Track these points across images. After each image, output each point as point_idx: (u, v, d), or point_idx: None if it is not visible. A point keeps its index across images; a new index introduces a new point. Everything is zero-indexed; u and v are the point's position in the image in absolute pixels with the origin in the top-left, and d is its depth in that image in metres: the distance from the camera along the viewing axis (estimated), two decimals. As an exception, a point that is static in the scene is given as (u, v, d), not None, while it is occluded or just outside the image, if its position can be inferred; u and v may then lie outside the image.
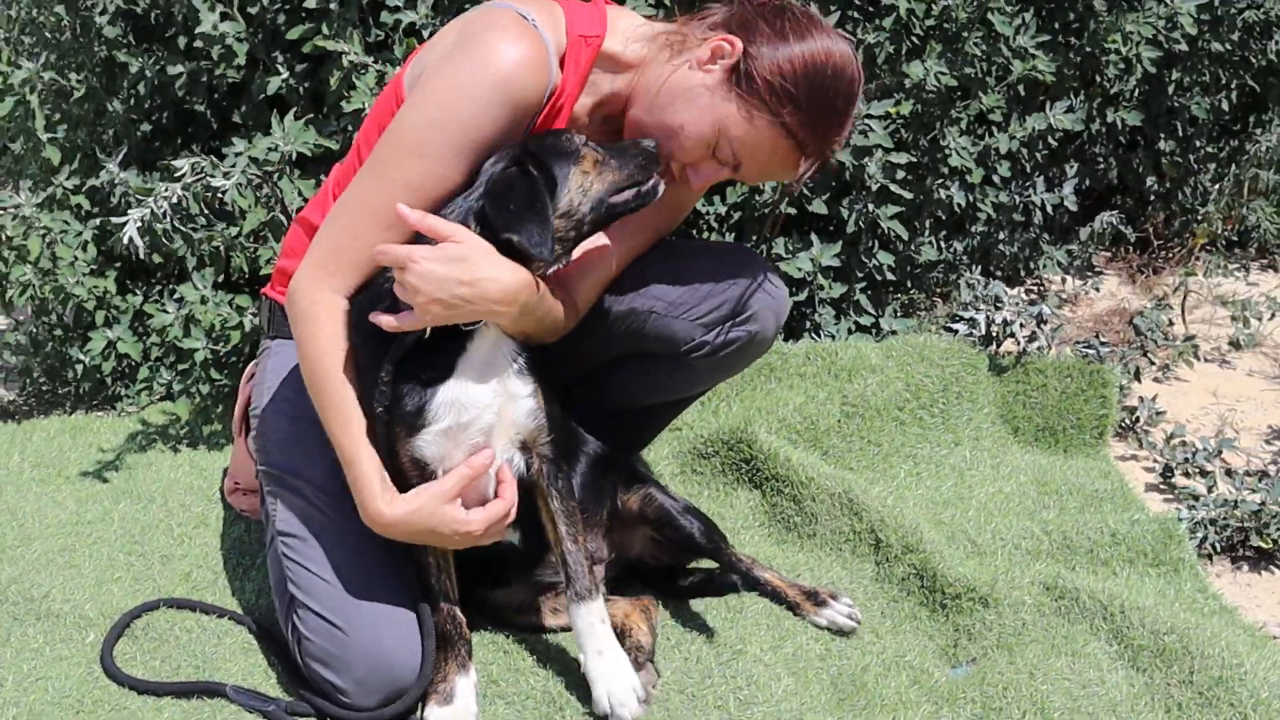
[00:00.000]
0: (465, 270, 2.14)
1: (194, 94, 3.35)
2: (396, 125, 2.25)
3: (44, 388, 3.58)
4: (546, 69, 2.25)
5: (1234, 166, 4.18)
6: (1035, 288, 4.17)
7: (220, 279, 3.34)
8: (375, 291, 2.28)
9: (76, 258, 3.27)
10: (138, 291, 3.45)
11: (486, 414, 2.25)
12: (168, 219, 2.88)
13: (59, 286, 3.26)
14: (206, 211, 3.11)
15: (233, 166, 3.00)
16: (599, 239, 2.45)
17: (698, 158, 2.34)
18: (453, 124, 2.20)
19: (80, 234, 3.31)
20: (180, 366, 3.36)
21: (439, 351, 2.24)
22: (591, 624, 2.31)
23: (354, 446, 2.24)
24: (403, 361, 2.23)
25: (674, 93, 2.30)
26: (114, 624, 2.58)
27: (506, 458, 2.31)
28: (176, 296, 3.31)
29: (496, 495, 2.31)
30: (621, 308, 2.51)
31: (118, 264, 3.46)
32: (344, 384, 2.25)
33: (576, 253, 2.39)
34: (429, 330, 2.21)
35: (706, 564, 2.71)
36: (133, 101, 3.39)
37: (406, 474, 2.27)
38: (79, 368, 3.40)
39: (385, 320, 2.20)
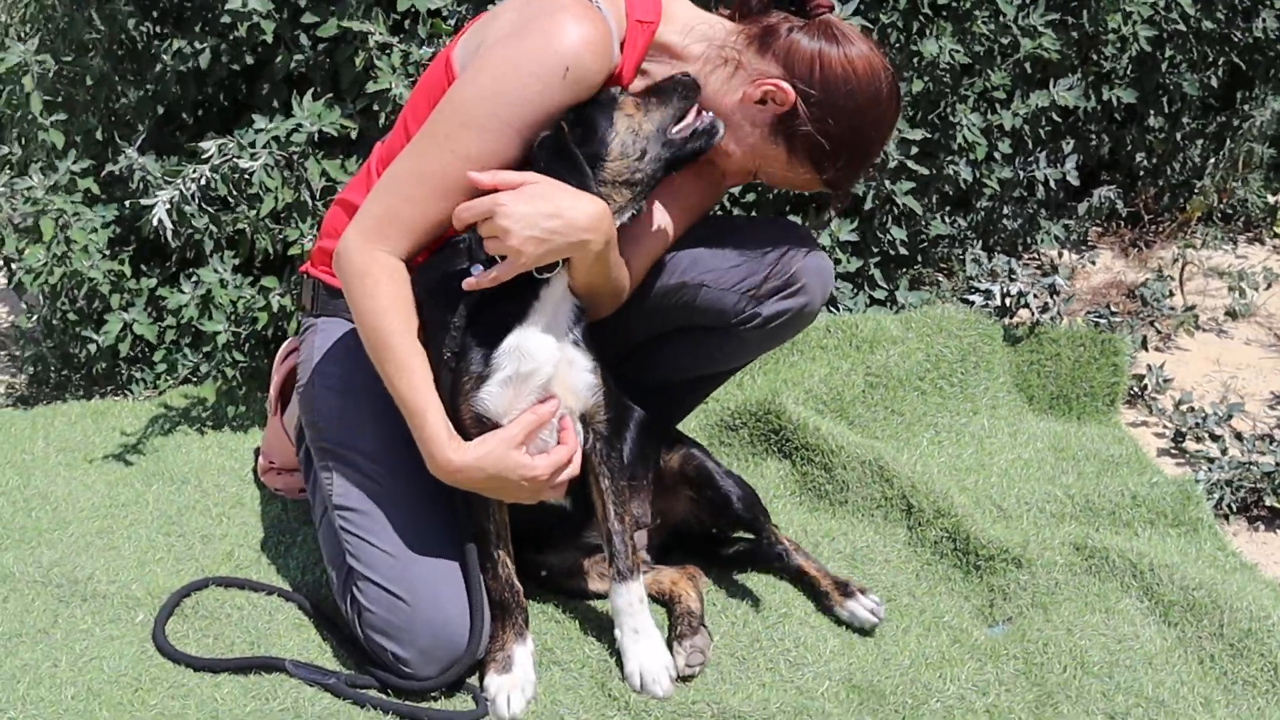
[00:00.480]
0: (549, 204, 2.19)
1: (211, 76, 3.35)
2: (456, 97, 2.27)
3: (58, 373, 3.57)
4: (609, 51, 2.28)
5: (1228, 141, 4.28)
6: (1031, 262, 4.26)
7: (242, 261, 3.35)
8: (449, 253, 2.31)
9: (89, 242, 3.26)
10: (152, 275, 3.45)
11: (545, 368, 2.29)
12: (195, 201, 2.88)
13: (74, 270, 3.25)
14: (227, 194, 3.10)
15: (258, 146, 3.01)
16: (657, 215, 2.49)
17: (736, 178, 2.54)
18: (514, 101, 2.23)
19: (92, 219, 3.30)
20: (204, 349, 3.36)
21: (509, 302, 2.28)
22: (630, 603, 2.37)
23: (419, 398, 2.25)
24: (472, 315, 2.26)
25: (722, 116, 2.37)
26: (164, 603, 2.59)
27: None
28: (194, 279, 3.31)
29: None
30: (672, 281, 2.55)
31: (130, 247, 3.46)
32: (407, 338, 2.27)
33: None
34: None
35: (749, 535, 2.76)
36: (150, 86, 3.39)
37: (468, 430, 2.29)
38: (93, 349, 3.39)
39: (483, 278, 2.23)
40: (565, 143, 2.25)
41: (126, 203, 3.40)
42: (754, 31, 2.38)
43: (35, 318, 3.45)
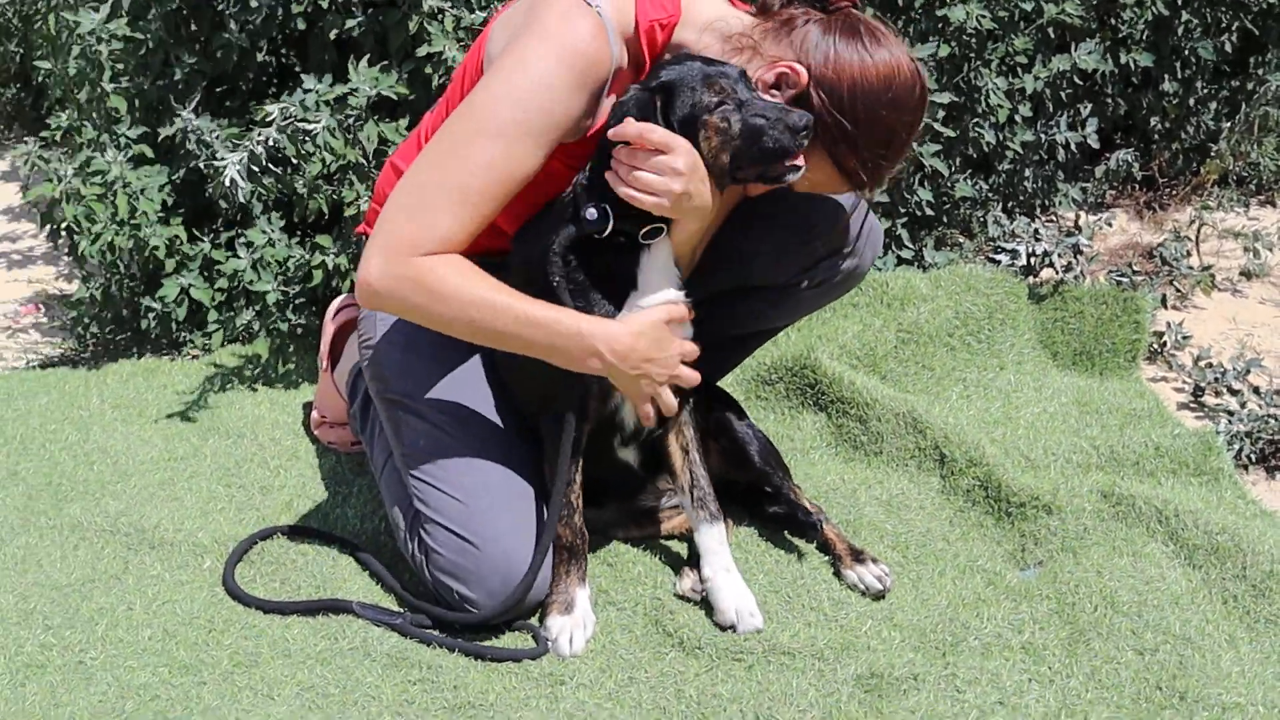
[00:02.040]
0: (701, 168, 2.30)
1: (263, 41, 3.43)
2: (472, 105, 2.31)
3: (110, 335, 3.67)
4: (607, 46, 2.30)
5: (1242, 105, 4.37)
6: (1050, 224, 4.35)
7: (287, 223, 3.45)
8: (548, 220, 2.41)
9: (149, 208, 3.36)
10: (203, 238, 3.55)
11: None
12: (263, 161, 2.98)
13: (139, 238, 3.35)
14: (295, 155, 3.19)
15: (313, 108, 3.10)
16: None
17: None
18: (529, 109, 2.27)
19: (150, 183, 3.40)
20: (255, 308, 3.46)
21: (620, 262, 2.39)
22: (721, 542, 2.50)
23: (550, 315, 2.32)
24: (581, 280, 2.36)
25: None
26: (232, 550, 2.71)
27: None
28: (245, 241, 3.41)
29: None
30: (729, 246, 2.60)
31: (181, 211, 3.56)
32: (502, 292, 2.32)
33: None
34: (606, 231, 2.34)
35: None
36: (199, 50, 3.47)
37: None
38: (151, 315, 3.48)
39: (642, 200, 2.29)
40: (653, 113, 2.28)
41: (176, 167, 3.49)
42: (772, 25, 2.39)
43: (93, 286, 3.53)
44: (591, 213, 2.33)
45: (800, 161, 2.31)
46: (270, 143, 2.97)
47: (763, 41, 2.38)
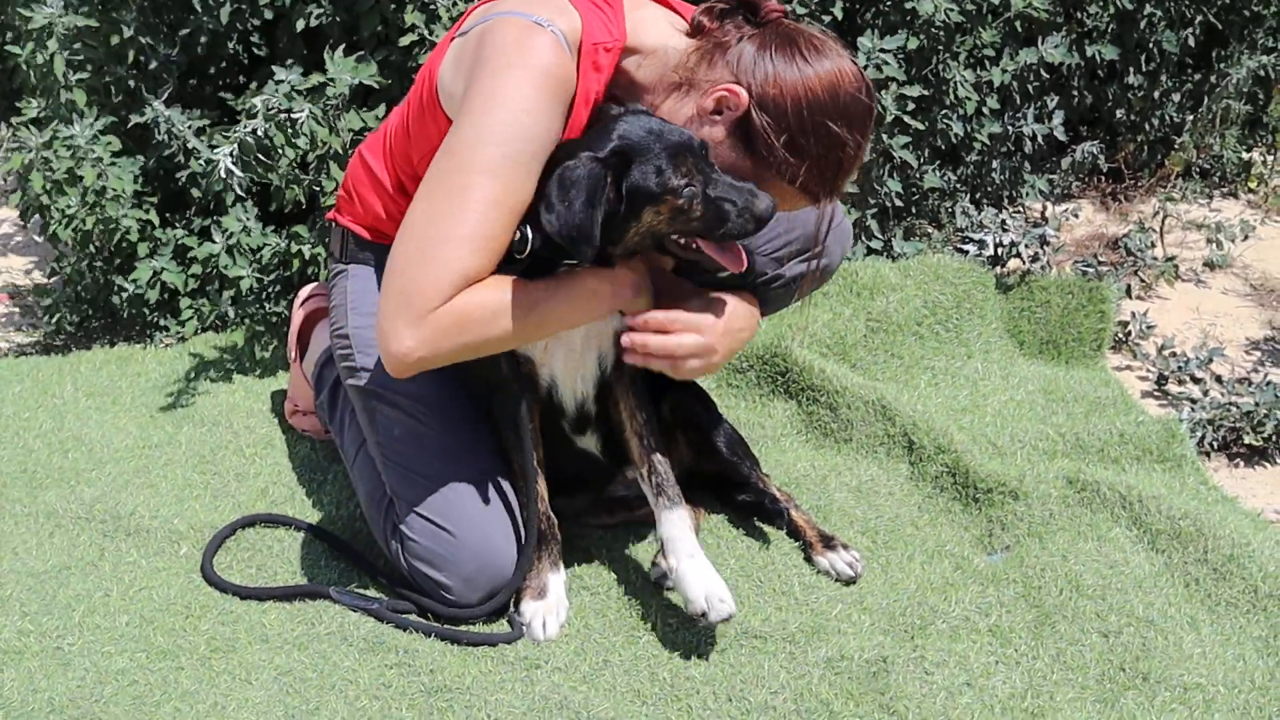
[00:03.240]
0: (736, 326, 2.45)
1: (233, 31, 3.44)
2: (458, 150, 2.24)
3: (86, 320, 3.66)
4: (569, 59, 2.27)
5: (1205, 98, 4.43)
6: (1018, 215, 4.41)
7: (269, 210, 3.46)
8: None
9: (120, 191, 3.36)
10: (176, 225, 3.55)
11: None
12: (253, 152, 2.99)
13: (107, 218, 3.35)
14: (284, 143, 3.19)
15: (282, 98, 3.11)
16: None
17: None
18: (516, 141, 2.22)
19: (121, 170, 3.40)
20: (229, 295, 3.47)
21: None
22: (684, 530, 2.44)
23: (560, 289, 2.34)
24: None
25: (687, 126, 2.31)
26: (211, 538, 2.72)
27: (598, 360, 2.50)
28: (224, 229, 3.41)
29: None
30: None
31: (154, 198, 3.56)
32: (514, 290, 2.30)
33: None
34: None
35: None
36: (176, 42, 3.47)
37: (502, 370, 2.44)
38: (124, 296, 3.48)
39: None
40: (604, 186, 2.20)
41: (148, 155, 3.50)
42: (706, 46, 2.33)
43: (65, 267, 3.53)
44: (516, 233, 2.29)
45: (744, 264, 2.33)
46: (260, 132, 2.98)
47: (698, 68, 2.32)
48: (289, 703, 2.30)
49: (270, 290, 3.45)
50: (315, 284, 3.25)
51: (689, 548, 2.43)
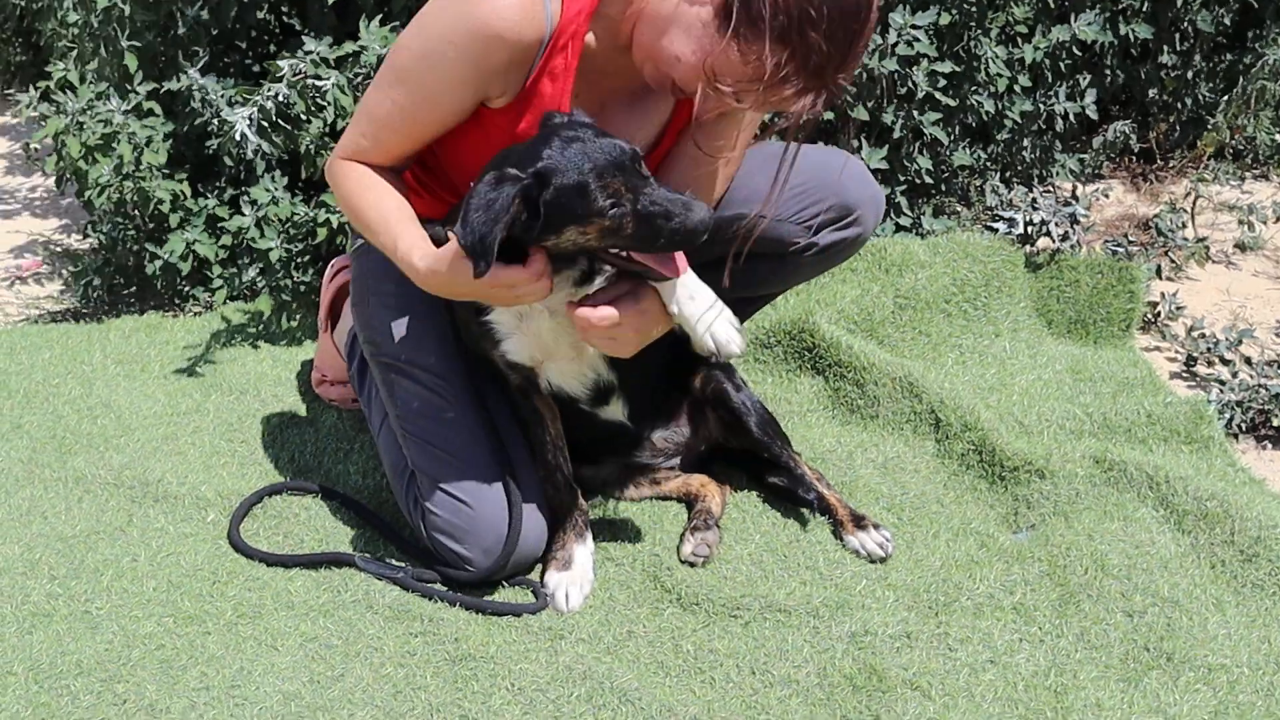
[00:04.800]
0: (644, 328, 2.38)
1: (264, -1, 3.45)
2: (396, 49, 2.36)
3: (114, 290, 3.69)
4: (535, 9, 2.23)
5: (1239, 79, 4.39)
6: (1047, 194, 4.38)
7: (290, 181, 3.46)
8: None
9: (153, 160, 3.37)
10: (208, 195, 3.56)
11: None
12: (272, 117, 2.99)
13: (141, 189, 3.36)
14: (305, 111, 3.20)
15: (315, 66, 3.11)
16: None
17: (694, 89, 2.20)
18: (436, 66, 2.28)
19: (154, 134, 3.41)
20: (259, 265, 3.48)
21: None
22: (683, 282, 2.31)
23: (380, 230, 2.40)
24: None
25: (669, 21, 2.19)
26: (238, 505, 2.74)
27: None
28: (250, 199, 3.43)
29: None
30: (729, 213, 2.58)
31: (187, 167, 3.57)
32: (378, 198, 2.42)
33: None
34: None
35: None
36: (207, 8, 3.48)
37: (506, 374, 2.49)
38: (156, 266, 3.50)
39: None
40: (497, 221, 2.13)
41: (180, 123, 3.51)
42: None
43: (99, 234, 3.55)
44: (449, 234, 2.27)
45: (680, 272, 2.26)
46: (280, 98, 2.98)
47: None
48: (314, 669, 2.32)
49: (299, 260, 3.46)
50: (345, 255, 3.25)
51: (688, 290, 2.32)
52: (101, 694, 2.25)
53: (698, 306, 2.31)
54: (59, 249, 4.04)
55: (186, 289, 3.61)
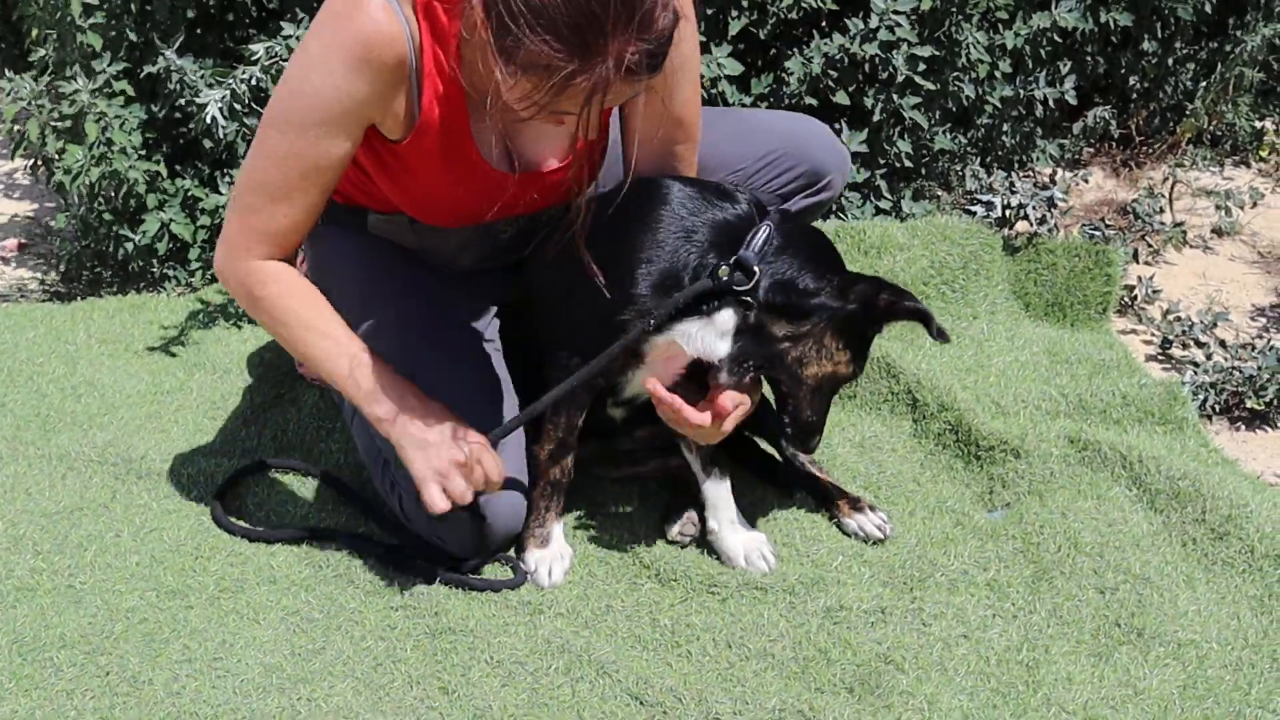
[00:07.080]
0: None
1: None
2: (267, 109, 2.29)
3: (91, 271, 3.70)
4: (392, 22, 2.16)
5: (1219, 66, 4.42)
6: (1027, 179, 4.41)
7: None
8: None
9: (127, 143, 3.38)
10: (186, 176, 3.57)
11: None
12: (246, 100, 3.00)
13: (114, 170, 3.37)
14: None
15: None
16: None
17: (531, 113, 2.05)
18: (308, 100, 2.22)
19: (128, 119, 3.41)
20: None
21: None
22: (727, 496, 2.58)
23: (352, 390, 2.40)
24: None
25: (471, 54, 2.16)
26: (221, 482, 2.76)
27: None
28: (230, 180, 3.44)
29: None
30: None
31: (164, 149, 3.58)
32: (314, 336, 2.39)
33: None
34: None
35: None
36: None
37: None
38: (130, 248, 3.51)
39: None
40: None
41: (159, 105, 3.51)
42: None
43: (73, 217, 3.56)
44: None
45: None
46: (254, 82, 2.99)
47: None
48: (295, 642, 2.35)
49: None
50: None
51: (730, 514, 2.58)
52: (85, 666, 2.28)
53: (740, 532, 2.60)
54: (39, 231, 4.04)
55: (163, 271, 3.61)
